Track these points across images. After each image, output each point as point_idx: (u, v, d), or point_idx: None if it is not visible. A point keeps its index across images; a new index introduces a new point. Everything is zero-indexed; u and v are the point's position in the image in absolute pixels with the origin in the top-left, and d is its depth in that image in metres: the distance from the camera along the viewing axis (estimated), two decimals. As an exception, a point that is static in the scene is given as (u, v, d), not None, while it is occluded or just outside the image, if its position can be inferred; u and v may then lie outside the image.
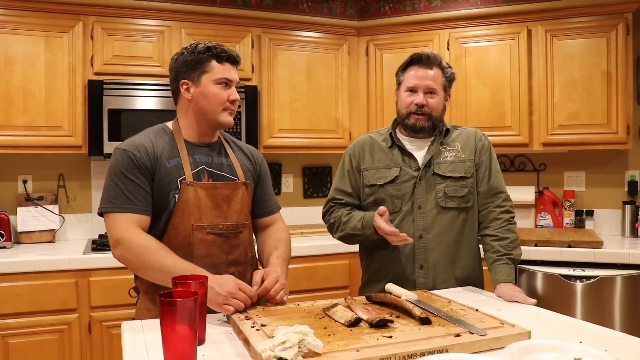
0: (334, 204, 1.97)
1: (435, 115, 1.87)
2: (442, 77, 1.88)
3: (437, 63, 1.87)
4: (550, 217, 3.38)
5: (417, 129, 1.87)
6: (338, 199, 1.96)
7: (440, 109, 1.89)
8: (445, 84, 1.89)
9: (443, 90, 1.89)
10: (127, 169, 1.55)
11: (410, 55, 1.91)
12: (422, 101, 1.85)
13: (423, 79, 1.85)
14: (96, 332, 2.60)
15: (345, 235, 1.91)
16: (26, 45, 2.79)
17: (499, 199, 1.88)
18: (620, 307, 2.67)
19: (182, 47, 1.67)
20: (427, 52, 1.89)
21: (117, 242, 1.52)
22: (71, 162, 3.19)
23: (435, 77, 1.86)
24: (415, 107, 1.85)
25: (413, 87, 1.87)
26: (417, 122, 1.86)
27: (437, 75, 1.87)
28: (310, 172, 3.74)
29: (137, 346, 1.25)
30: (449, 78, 1.90)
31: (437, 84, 1.86)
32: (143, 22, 3.00)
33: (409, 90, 1.88)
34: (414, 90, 1.87)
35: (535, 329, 1.28)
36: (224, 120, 1.64)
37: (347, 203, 1.95)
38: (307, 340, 1.06)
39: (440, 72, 1.87)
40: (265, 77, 3.24)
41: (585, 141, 3.06)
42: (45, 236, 3.05)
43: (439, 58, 1.89)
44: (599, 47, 3.01)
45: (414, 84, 1.86)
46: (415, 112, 1.86)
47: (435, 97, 1.86)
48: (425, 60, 1.87)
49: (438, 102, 1.87)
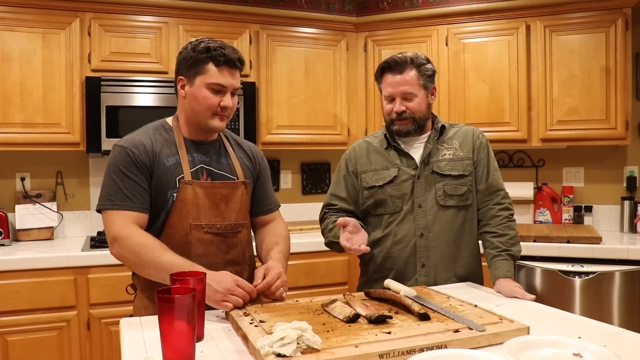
0: (329, 209, 1.98)
1: (419, 116, 1.85)
2: (417, 77, 1.83)
3: (411, 64, 1.83)
4: (549, 213, 3.38)
5: (402, 133, 1.86)
6: (332, 205, 1.97)
7: (424, 108, 1.86)
8: (424, 82, 1.85)
9: (423, 89, 1.85)
10: (126, 167, 1.54)
11: (380, 64, 1.89)
12: (399, 108, 1.83)
13: (397, 86, 1.83)
14: (95, 329, 2.60)
15: (328, 242, 1.93)
16: (23, 42, 2.77)
17: (498, 197, 1.88)
18: (618, 303, 2.68)
19: (189, 42, 1.64)
20: (396, 57, 1.84)
21: (114, 239, 1.51)
22: (69, 159, 3.18)
23: (409, 81, 1.82)
24: (395, 114, 1.84)
25: (389, 95, 1.85)
26: (401, 127, 1.85)
27: (412, 77, 1.83)
28: (308, 168, 3.74)
29: (135, 343, 1.24)
30: (428, 74, 1.86)
31: (412, 87, 1.83)
32: (140, 18, 2.99)
33: (387, 100, 1.87)
34: (392, 97, 1.85)
35: (534, 324, 1.28)
36: (213, 125, 1.60)
37: (341, 209, 1.95)
38: (305, 336, 1.05)
39: (415, 72, 1.83)
40: (263, 74, 3.23)
41: (584, 137, 3.06)
42: (43, 233, 3.04)
43: (410, 58, 1.84)
44: (597, 43, 3.01)
45: (389, 92, 1.85)
46: (396, 118, 1.85)
47: (414, 98, 1.83)
48: (394, 65, 1.83)
49: (419, 103, 1.84)
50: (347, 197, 1.95)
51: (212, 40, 1.59)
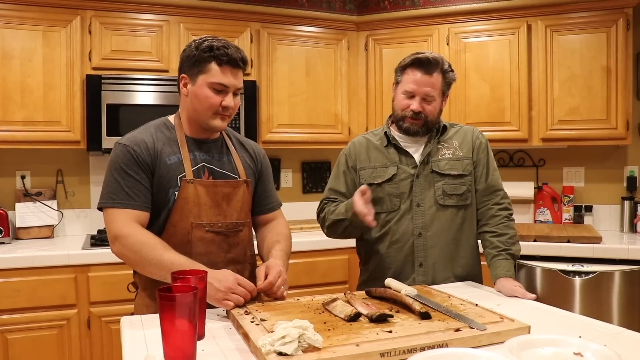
0: (327, 202, 1.96)
1: (432, 119, 1.85)
2: (441, 82, 1.83)
3: (439, 68, 1.81)
4: (549, 213, 3.38)
5: (411, 132, 1.86)
6: (332, 199, 1.95)
7: (437, 112, 1.86)
8: (444, 88, 1.85)
9: (441, 95, 1.85)
10: (127, 165, 1.54)
11: (411, 56, 1.83)
12: (418, 108, 1.81)
13: (422, 85, 1.80)
14: (95, 328, 2.60)
15: (331, 223, 1.87)
16: (23, 39, 2.77)
17: (497, 197, 1.88)
18: (618, 302, 2.68)
19: (192, 40, 1.63)
20: (429, 56, 1.81)
21: (115, 237, 1.51)
22: (69, 157, 3.18)
23: (435, 84, 1.81)
24: (411, 112, 1.82)
25: (411, 91, 1.82)
26: (412, 126, 1.84)
27: (437, 81, 1.81)
28: (309, 167, 3.74)
29: (136, 341, 1.24)
30: (448, 82, 1.86)
31: (435, 91, 1.81)
32: (141, 16, 2.99)
33: (407, 95, 1.84)
34: (412, 95, 1.83)
35: (535, 323, 1.28)
36: (214, 125, 1.60)
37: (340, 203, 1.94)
38: (306, 335, 1.05)
39: (440, 77, 1.82)
40: (264, 72, 3.23)
41: (585, 137, 3.06)
42: (43, 232, 3.04)
43: (441, 62, 1.82)
44: (598, 43, 3.01)
45: (412, 88, 1.81)
46: (410, 117, 1.83)
47: (432, 102, 1.82)
48: (426, 64, 1.80)
49: (435, 107, 1.84)
50: (346, 192, 1.93)
51: (215, 39, 1.58)
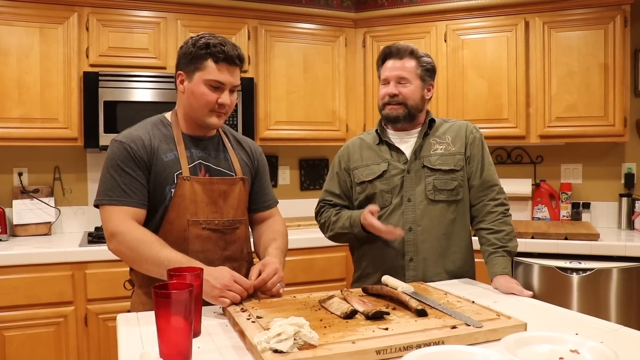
0: (324, 204, 2.00)
1: (411, 104, 1.86)
2: (416, 66, 1.87)
3: (409, 53, 1.87)
4: (547, 210, 3.38)
5: (391, 118, 1.87)
6: (327, 200, 2.00)
7: (417, 97, 1.87)
8: (421, 73, 1.88)
9: (419, 80, 1.87)
10: (124, 162, 1.54)
11: (381, 51, 1.92)
12: (393, 91, 1.85)
13: (394, 70, 1.86)
14: (92, 325, 2.60)
15: (335, 234, 1.95)
16: (20, 36, 2.76)
17: (493, 192, 1.87)
18: (616, 299, 2.68)
19: (190, 36, 1.63)
20: (397, 44, 1.89)
21: (111, 234, 1.51)
22: (67, 154, 3.18)
23: (406, 67, 1.86)
24: (388, 97, 1.86)
25: (385, 78, 1.88)
26: (392, 111, 1.86)
27: (409, 64, 1.86)
28: (307, 164, 3.74)
29: (132, 338, 1.24)
30: (426, 67, 1.89)
31: (408, 73, 1.85)
32: (138, 13, 2.98)
33: (383, 83, 1.90)
34: (387, 81, 1.88)
35: (532, 320, 1.28)
36: (209, 122, 1.60)
37: (336, 204, 1.98)
38: (302, 332, 1.05)
39: (414, 61, 1.87)
40: (261, 69, 3.22)
41: (583, 133, 3.06)
42: (41, 229, 3.04)
43: (410, 48, 1.88)
44: (596, 39, 3.00)
45: (385, 75, 1.88)
46: (389, 102, 1.87)
47: (408, 85, 1.85)
48: (395, 52, 1.87)
49: (412, 90, 1.86)
50: (340, 194, 1.97)
51: (212, 36, 1.57)
